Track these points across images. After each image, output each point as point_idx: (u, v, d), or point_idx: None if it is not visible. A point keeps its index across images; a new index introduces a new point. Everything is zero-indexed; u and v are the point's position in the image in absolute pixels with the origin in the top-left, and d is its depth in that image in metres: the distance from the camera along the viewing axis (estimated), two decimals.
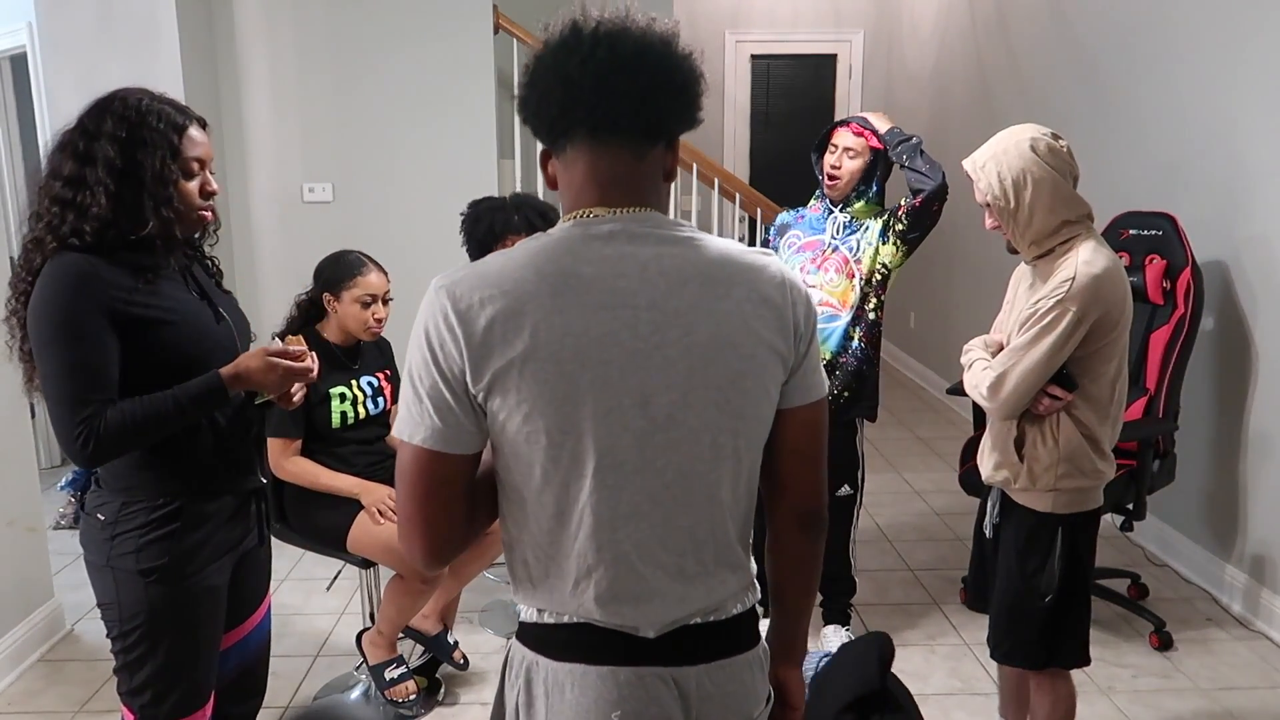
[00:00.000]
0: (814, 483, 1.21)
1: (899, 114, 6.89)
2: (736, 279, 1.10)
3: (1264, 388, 3.13)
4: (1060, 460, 1.99)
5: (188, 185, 1.62)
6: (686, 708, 1.13)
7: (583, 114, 1.06)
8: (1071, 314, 1.87)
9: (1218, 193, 3.30)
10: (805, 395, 1.16)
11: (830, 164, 2.74)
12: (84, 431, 1.51)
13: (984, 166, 1.94)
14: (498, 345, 1.03)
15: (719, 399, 1.09)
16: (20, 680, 2.85)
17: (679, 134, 1.13)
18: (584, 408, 1.05)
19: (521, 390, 1.04)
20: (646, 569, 1.10)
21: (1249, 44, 3.13)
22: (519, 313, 1.03)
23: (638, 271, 1.07)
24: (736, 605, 1.18)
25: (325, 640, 3.08)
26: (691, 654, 1.13)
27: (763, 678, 1.22)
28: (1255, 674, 2.86)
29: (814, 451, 1.20)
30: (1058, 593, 2.03)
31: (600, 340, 1.05)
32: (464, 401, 1.06)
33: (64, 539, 3.52)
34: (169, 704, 1.68)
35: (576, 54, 1.05)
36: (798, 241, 2.84)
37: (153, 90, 1.64)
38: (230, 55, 4.11)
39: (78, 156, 1.56)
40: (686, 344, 1.07)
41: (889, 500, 4.31)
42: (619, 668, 1.11)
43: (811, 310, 1.15)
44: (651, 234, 1.09)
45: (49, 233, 1.55)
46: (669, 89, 1.08)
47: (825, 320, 2.75)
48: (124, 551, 1.62)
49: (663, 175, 1.14)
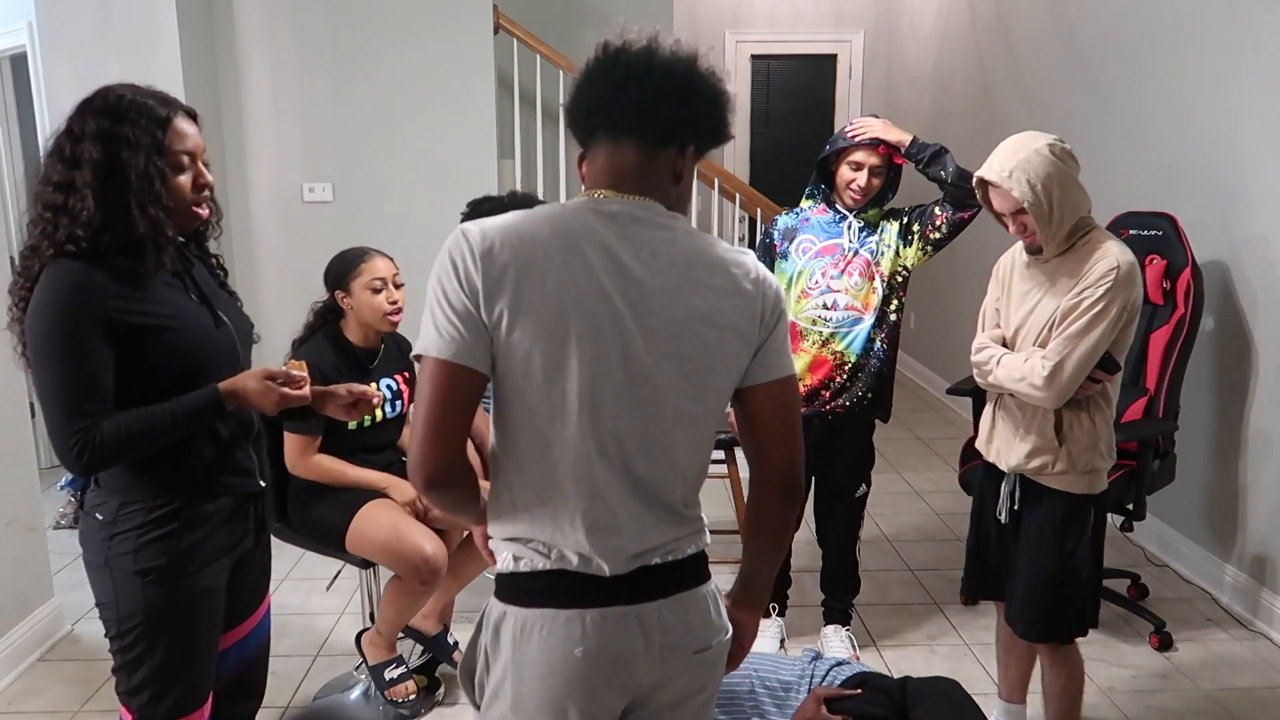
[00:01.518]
0: (788, 453, 1.33)
1: (899, 114, 6.91)
2: (717, 268, 1.27)
3: (1264, 388, 3.13)
4: (1098, 440, 2.12)
5: (178, 180, 1.60)
6: (649, 640, 1.28)
7: (601, 118, 1.26)
8: (1120, 301, 2.00)
9: (1218, 193, 3.30)
10: (767, 373, 1.31)
11: (857, 184, 2.69)
12: (79, 442, 1.51)
13: (1012, 176, 2.00)
14: (509, 284, 1.18)
15: (687, 369, 1.25)
16: (20, 680, 2.85)
17: (693, 142, 1.29)
18: (573, 354, 1.20)
19: (525, 329, 1.19)
20: (615, 505, 1.25)
21: (1249, 45, 3.13)
22: (531, 261, 1.19)
23: (634, 248, 1.23)
24: (690, 547, 1.33)
25: (325, 640, 3.08)
26: (650, 591, 1.28)
27: (718, 611, 1.37)
28: (1255, 674, 2.86)
29: (784, 424, 1.33)
30: (1090, 568, 2.17)
31: (596, 299, 1.20)
32: (479, 323, 1.19)
33: (64, 539, 3.50)
34: (167, 704, 1.68)
35: (602, 67, 1.25)
36: (813, 246, 2.79)
37: (139, 85, 1.62)
38: (230, 55, 4.11)
39: (65, 160, 1.55)
40: (666, 317, 1.23)
41: (889, 500, 4.30)
42: (586, 609, 1.25)
43: (780, 302, 1.32)
44: (650, 219, 1.26)
45: (44, 239, 1.54)
46: (676, 100, 1.24)
47: (849, 324, 2.75)
48: (122, 551, 1.62)
49: (673, 177, 1.29)
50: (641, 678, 1.29)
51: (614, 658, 1.26)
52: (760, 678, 2.35)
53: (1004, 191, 2.02)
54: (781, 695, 2.32)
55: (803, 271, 2.78)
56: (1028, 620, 2.23)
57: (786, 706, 2.29)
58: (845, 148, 2.72)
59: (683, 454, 1.29)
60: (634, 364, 1.22)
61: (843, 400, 2.78)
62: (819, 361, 2.77)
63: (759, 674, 2.37)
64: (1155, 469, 2.99)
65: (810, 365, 2.78)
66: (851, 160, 2.71)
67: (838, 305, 2.75)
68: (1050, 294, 2.09)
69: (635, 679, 1.29)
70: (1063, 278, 2.07)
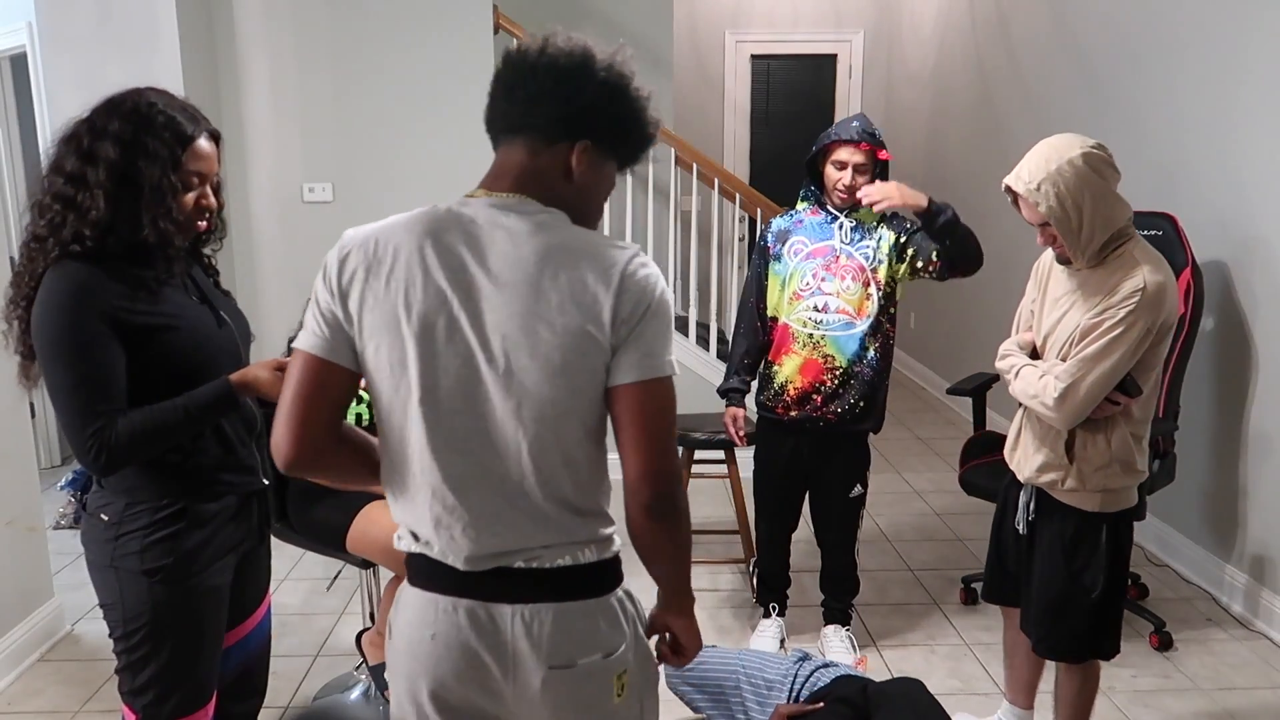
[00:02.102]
0: (643, 463, 1.24)
1: (899, 114, 6.94)
2: (569, 265, 1.23)
3: (1264, 388, 3.13)
4: (1111, 461, 2.04)
5: (185, 197, 1.61)
6: (499, 640, 1.27)
7: (500, 123, 1.31)
8: (1142, 324, 1.92)
9: (1218, 193, 3.30)
10: (621, 376, 1.24)
11: (842, 182, 2.68)
12: (96, 444, 1.52)
13: (1040, 188, 1.92)
14: (358, 286, 1.24)
15: (530, 368, 1.22)
16: (20, 680, 2.85)
17: (588, 137, 1.27)
18: (412, 352, 1.23)
19: (371, 328, 1.24)
20: (465, 501, 1.26)
21: (1249, 45, 3.13)
22: (379, 263, 1.24)
23: (480, 248, 1.24)
24: (563, 558, 1.28)
25: (325, 640, 3.08)
26: (509, 593, 1.27)
27: (611, 629, 1.31)
28: (1255, 674, 2.86)
29: (640, 431, 1.24)
30: (1103, 589, 2.10)
31: (432, 299, 1.22)
32: (339, 321, 1.25)
33: (64, 539, 3.51)
34: (171, 704, 1.68)
35: (498, 75, 1.31)
36: (804, 248, 2.79)
37: (173, 96, 1.63)
38: (230, 55, 4.11)
39: (81, 153, 1.55)
40: (509, 312, 1.22)
41: (889, 500, 4.31)
42: (441, 595, 1.28)
43: (646, 303, 1.24)
44: (512, 214, 1.26)
45: (50, 233, 1.55)
46: (561, 94, 1.25)
47: (841, 328, 2.74)
48: (128, 552, 1.62)
49: (564, 172, 1.29)
50: (497, 682, 1.28)
51: (461, 649, 1.27)
52: (747, 673, 2.40)
53: (1030, 204, 1.95)
54: (764, 692, 2.37)
55: (794, 273, 2.78)
56: (1039, 635, 2.21)
57: (767, 704, 2.34)
58: (829, 145, 2.71)
59: (544, 455, 1.25)
60: (472, 363, 1.23)
61: (835, 407, 2.78)
62: (809, 364, 2.77)
63: (746, 669, 2.42)
64: (1155, 469, 2.98)
65: (800, 368, 2.78)
66: (836, 159, 2.70)
67: (829, 308, 2.75)
68: (1078, 305, 2.02)
69: (489, 680, 1.28)
70: (1092, 290, 1.99)
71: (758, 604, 3.14)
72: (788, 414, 2.82)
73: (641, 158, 1.36)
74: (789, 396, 2.81)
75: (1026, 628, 2.25)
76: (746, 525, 3.34)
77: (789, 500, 2.99)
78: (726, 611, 3.25)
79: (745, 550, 3.38)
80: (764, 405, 2.90)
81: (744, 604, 3.29)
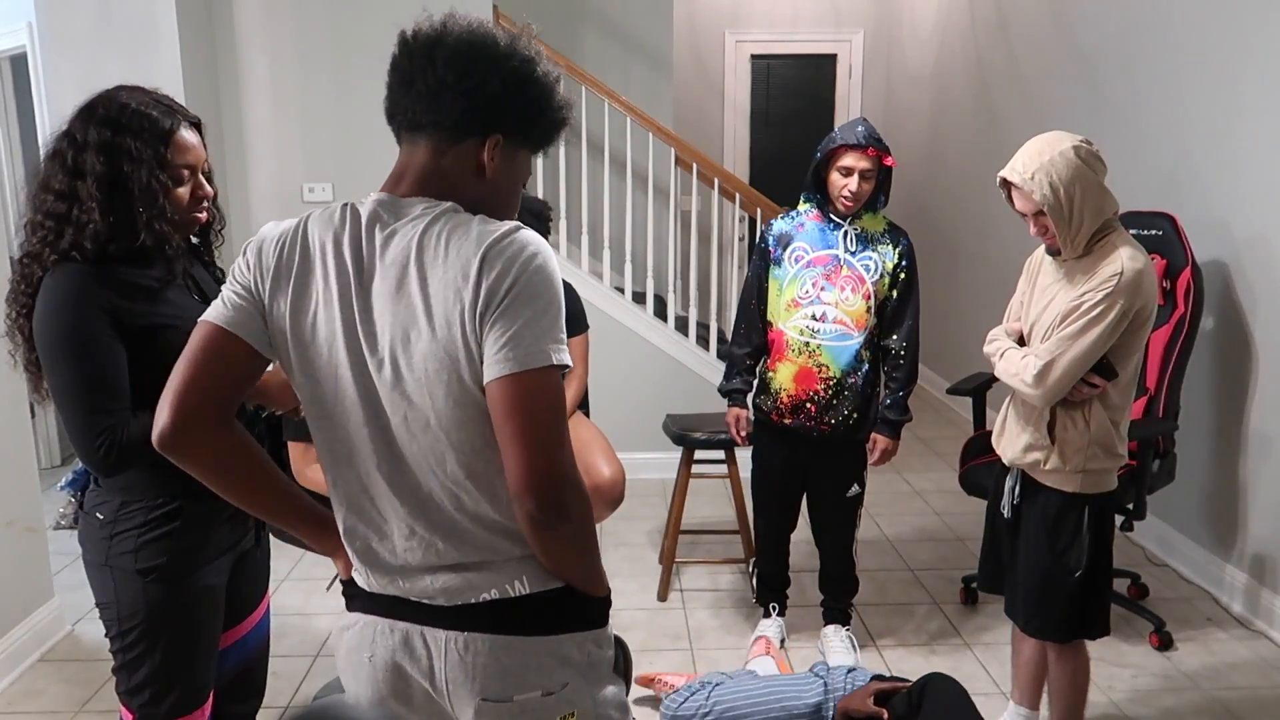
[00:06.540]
0: (524, 469, 1.10)
1: (899, 114, 6.94)
2: (452, 255, 1.12)
3: (1264, 388, 3.13)
4: (1090, 443, 2.11)
5: (177, 192, 1.60)
6: (432, 668, 1.23)
7: (400, 118, 1.20)
8: (1119, 307, 1.99)
9: (1218, 193, 3.30)
10: (490, 369, 1.11)
11: (848, 189, 2.65)
12: (104, 442, 1.51)
13: (1034, 177, 2.00)
14: (269, 289, 1.19)
15: (409, 378, 1.15)
16: (20, 680, 2.85)
17: (498, 131, 1.18)
18: (313, 362, 1.19)
19: (279, 335, 1.20)
20: (375, 515, 1.23)
21: (1249, 45, 3.13)
22: (281, 268, 1.19)
23: (364, 252, 1.16)
24: (489, 591, 1.21)
25: (325, 640, 3.08)
26: (444, 621, 1.22)
27: (560, 666, 1.23)
28: (1255, 674, 2.86)
29: (513, 428, 1.10)
30: (1085, 568, 2.16)
31: (322, 307, 1.17)
32: (249, 306, 1.20)
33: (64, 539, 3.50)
34: (168, 703, 1.68)
35: (393, 63, 1.19)
36: (806, 255, 2.76)
37: (143, 88, 1.61)
38: (230, 55, 4.11)
39: (67, 169, 1.55)
40: (393, 320, 1.14)
41: (889, 500, 4.31)
42: (380, 618, 1.26)
43: (513, 274, 1.10)
44: (403, 214, 1.17)
45: (45, 247, 1.54)
46: (465, 87, 1.15)
47: (837, 338, 2.74)
48: (122, 551, 1.62)
49: (475, 169, 1.19)
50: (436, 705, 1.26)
51: (397, 672, 1.26)
52: (787, 707, 2.35)
53: (1025, 193, 2.03)
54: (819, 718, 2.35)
55: (794, 280, 2.77)
56: (1026, 615, 2.26)
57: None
58: (835, 150, 2.66)
59: (442, 468, 1.17)
60: (363, 370, 1.17)
61: (829, 418, 2.78)
62: (803, 372, 2.77)
63: (784, 703, 2.36)
64: (1155, 469, 2.99)
65: (795, 375, 2.78)
66: (841, 165, 2.66)
67: (826, 318, 2.74)
68: (1063, 293, 2.10)
69: (430, 704, 1.26)
70: (1077, 278, 2.08)
71: (758, 604, 3.14)
72: (782, 420, 2.83)
73: (556, 140, 1.26)
74: (783, 403, 2.81)
75: (1013, 610, 2.30)
76: (746, 525, 3.34)
77: (787, 500, 3.00)
78: (727, 611, 3.25)
79: (745, 550, 3.38)
80: (760, 408, 2.91)
81: (744, 604, 3.29)
